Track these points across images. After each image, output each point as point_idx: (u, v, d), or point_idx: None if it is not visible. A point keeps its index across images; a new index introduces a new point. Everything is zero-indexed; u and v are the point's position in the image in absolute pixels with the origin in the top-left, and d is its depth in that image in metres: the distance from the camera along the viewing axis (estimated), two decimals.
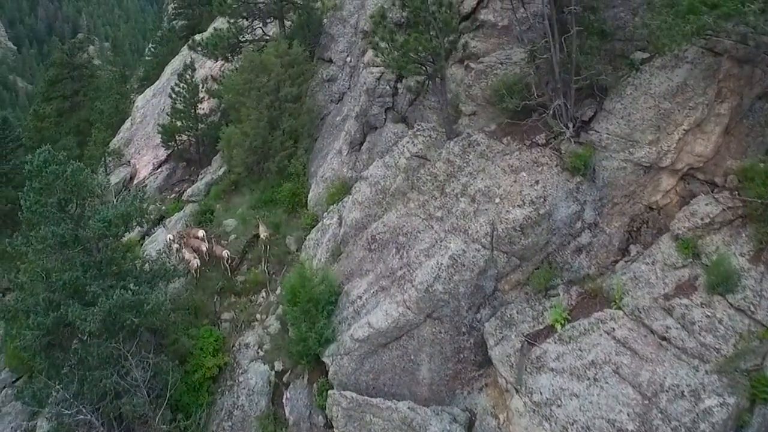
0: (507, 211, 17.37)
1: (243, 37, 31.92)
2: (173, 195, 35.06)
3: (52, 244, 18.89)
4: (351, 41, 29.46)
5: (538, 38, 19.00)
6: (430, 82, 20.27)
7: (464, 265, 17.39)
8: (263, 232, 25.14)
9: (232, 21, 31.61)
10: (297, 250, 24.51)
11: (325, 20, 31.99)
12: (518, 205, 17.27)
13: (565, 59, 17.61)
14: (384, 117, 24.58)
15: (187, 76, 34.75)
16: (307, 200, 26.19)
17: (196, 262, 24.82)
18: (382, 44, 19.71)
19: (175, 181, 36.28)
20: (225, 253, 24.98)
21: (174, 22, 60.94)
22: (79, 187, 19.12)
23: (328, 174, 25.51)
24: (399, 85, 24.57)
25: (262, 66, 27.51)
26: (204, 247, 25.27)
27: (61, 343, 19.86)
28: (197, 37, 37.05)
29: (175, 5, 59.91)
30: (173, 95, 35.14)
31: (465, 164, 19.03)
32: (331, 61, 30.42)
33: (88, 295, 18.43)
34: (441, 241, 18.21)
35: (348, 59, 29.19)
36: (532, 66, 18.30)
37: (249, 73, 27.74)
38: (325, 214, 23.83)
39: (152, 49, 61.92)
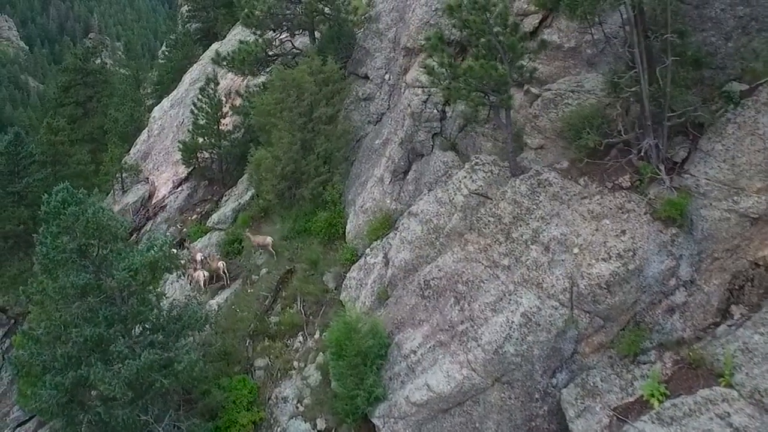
0: (589, 264, 15.27)
1: (271, 51, 29.66)
2: (195, 216, 33.08)
3: (71, 294, 16.87)
4: (389, 57, 27.16)
5: (614, 63, 16.90)
6: (491, 111, 18.10)
7: (539, 325, 15.37)
8: (260, 242, 25.11)
9: (258, 33, 29.37)
10: (335, 288, 22.48)
11: (358, 33, 29.73)
12: (603, 259, 15.15)
13: (655, 92, 15.42)
14: (431, 144, 22.34)
15: (210, 90, 32.83)
16: (344, 231, 24.13)
17: (202, 273, 25.33)
18: (440, 70, 17.63)
19: (196, 201, 34.24)
20: (221, 263, 25.39)
21: (188, 24, 59.27)
22: (102, 230, 17.05)
23: (368, 204, 23.40)
24: (447, 109, 22.34)
25: (294, 84, 25.30)
26: (202, 275, 25.31)
27: (80, 399, 17.90)
28: (220, 48, 35.01)
29: (189, 8, 58.21)
30: (195, 110, 33.22)
31: (534, 206, 16.91)
32: (366, 77, 28.14)
33: (112, 354, 16.39)
34: (510, 295, 16.18)
35: (387, 77, 26.91)
36: (617, 99, 16.05)
37: (280, 92, 25.54)
38: (368, 251, 21.75)
39: (166, 53, 60.09)
